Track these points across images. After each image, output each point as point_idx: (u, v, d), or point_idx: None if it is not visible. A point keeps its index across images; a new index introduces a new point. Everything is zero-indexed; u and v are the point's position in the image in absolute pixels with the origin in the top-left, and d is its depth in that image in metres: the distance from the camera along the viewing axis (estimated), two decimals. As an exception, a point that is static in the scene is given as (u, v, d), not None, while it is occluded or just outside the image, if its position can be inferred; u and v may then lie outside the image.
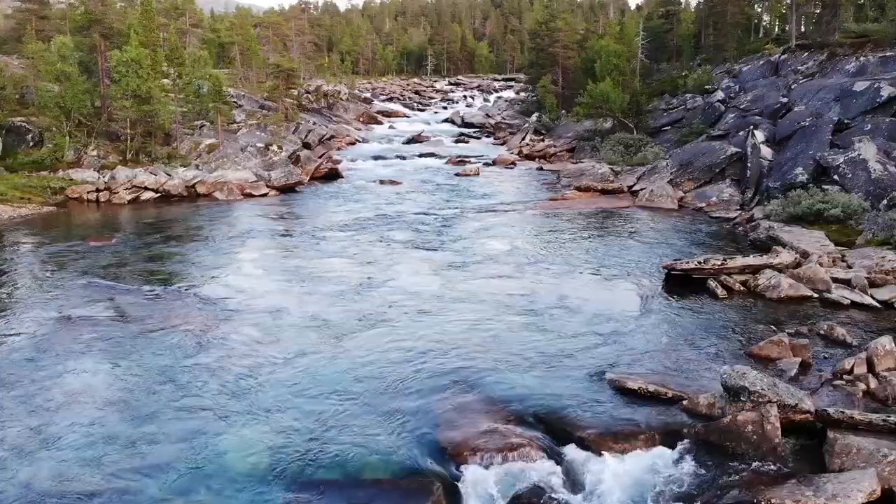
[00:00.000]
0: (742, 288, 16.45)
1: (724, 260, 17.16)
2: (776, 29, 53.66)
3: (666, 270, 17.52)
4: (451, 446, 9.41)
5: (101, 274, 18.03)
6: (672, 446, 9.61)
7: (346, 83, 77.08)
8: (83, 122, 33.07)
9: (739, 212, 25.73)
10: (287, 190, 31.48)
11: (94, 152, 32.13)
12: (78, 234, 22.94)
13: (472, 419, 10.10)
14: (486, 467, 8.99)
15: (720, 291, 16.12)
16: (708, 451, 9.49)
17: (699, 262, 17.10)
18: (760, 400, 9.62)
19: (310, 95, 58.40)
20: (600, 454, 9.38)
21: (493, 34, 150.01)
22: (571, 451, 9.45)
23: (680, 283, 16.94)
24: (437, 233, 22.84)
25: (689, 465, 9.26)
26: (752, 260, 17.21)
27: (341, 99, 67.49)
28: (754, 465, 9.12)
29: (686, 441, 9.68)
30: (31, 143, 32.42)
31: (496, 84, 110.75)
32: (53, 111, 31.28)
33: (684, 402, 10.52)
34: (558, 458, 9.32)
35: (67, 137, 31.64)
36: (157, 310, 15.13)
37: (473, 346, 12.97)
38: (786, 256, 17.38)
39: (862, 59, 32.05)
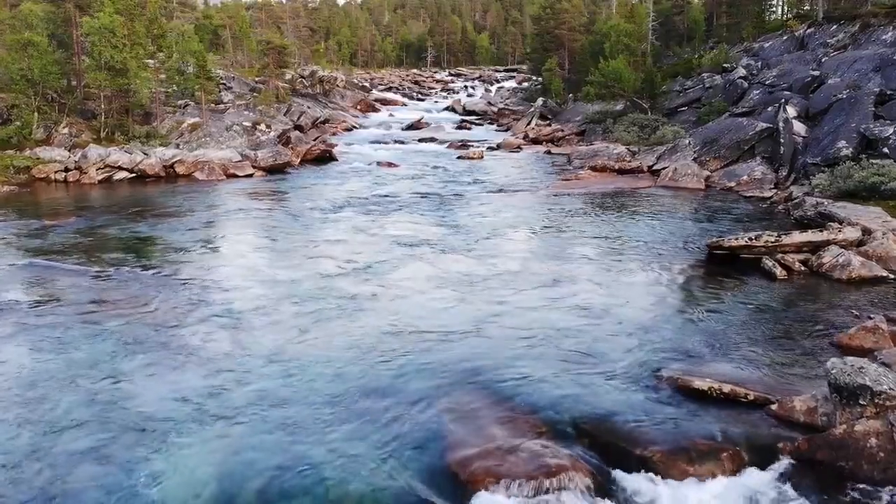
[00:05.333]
0: (803, 268, 13.87)
1: (779, 236, 14.59)
2: (789, 8, 50.96)
3: (710, 249, 14.95)
4: (463, 469, 6.83)
5: (47, 254, 15.43)
6: (765, 467, 7.06)
7: (342, 71, 74.34)
8: (55, 98, 30.45)
9: (775, 190, 23.16)
10: (275, 171, 28.87)
11: (66, 130, 29.49)
12: (35, 213, 20.34)
13: (492, 430, 7.52)
14: (513, 497, 6.41)
15: (779, 271, 13.53)
16: (816, 473, 6.95)
17: (750, 240, 14.51)
18: (888, 403, 7.05)
19: (304, 80, 55.71)
20: (670, 479, 6.81)
21: (493, 26, 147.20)
22: (631, 477, 6.87)
23: (727, 264, 14.37)
24: (439, 214, 20.19)
25: (792, 492, 6.71)
26: (812, 236, 14.62)
27: (338, 86, 64.72)
28: (885, 492, 6.56)
29: (784, 460, 7.13)
30: (-1, 122, 29.80)
31: (497, 75, 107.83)
32: (20, 85, 28.62)
33: (773, 407, 7.95)
34: (614, 488, 6.75)
35: (36, 114, 29.01)
36: (104, 294, 12.53)
37: (489, 339, 10.40)
38: (850, 232, 14.80)
39: (901, 27, 29.45)
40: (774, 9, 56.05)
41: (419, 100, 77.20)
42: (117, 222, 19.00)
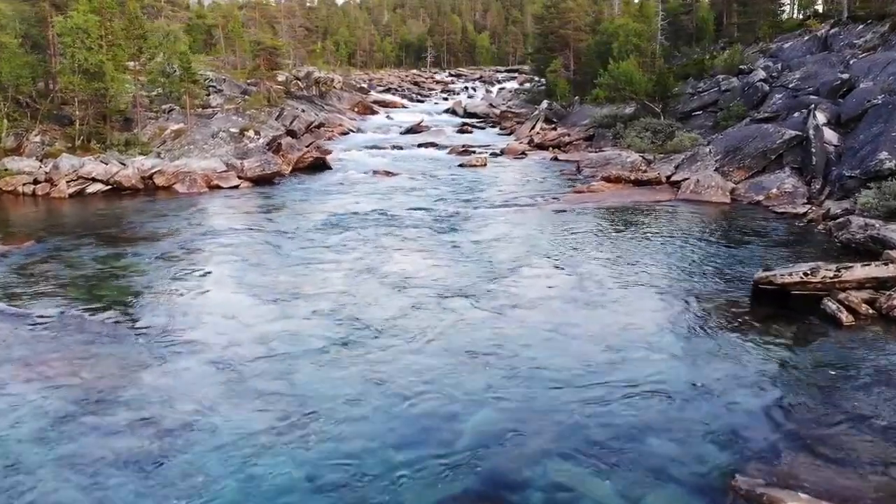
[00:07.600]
0: (870, 310, 11.79)
1: (838, 270, 12.51)
2: (801, 8, 48.96)
3: (757, 286, 12.86)
4: None
5: (-12, 290, 13.36)
6: None
7: (340, 72, 72.19)
8: (27, 103, 28.38)
9: (808, 206, 21.06)
10: (263, 181, 26.75)
11: (38, 138, 27.40)
12: (-10, 235, 18.26)
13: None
14: None
15: (844, 316, 11.45)
16: None
17: (805, 275, 12.43)
18: None
19: (300, 82, 53.59)
20: None
21: (494, 26, 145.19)
22: None
23: (777, 303, 12.31)
24: (442, 240, 17.94)
25: None
26: (877, 270, 12.54)
27: (335, 87, 62.59)
28: None
29: None
30: (-34, 129, 27.67)
31: (498, 76, 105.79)
32: (-13, 89, 26.60)
33: (898, 545, 5.87)
34: None
35: (5, 121, 26.91)
36: (37, 349, 10.42)
37: (500, 421, 8.30)
38: (920, 266, 12.72)
39: (937, 27, 27.36)
40: (784, 8, 54.01)
41: (419, 101, 75.21)
42: (78, 248, 16.87)
